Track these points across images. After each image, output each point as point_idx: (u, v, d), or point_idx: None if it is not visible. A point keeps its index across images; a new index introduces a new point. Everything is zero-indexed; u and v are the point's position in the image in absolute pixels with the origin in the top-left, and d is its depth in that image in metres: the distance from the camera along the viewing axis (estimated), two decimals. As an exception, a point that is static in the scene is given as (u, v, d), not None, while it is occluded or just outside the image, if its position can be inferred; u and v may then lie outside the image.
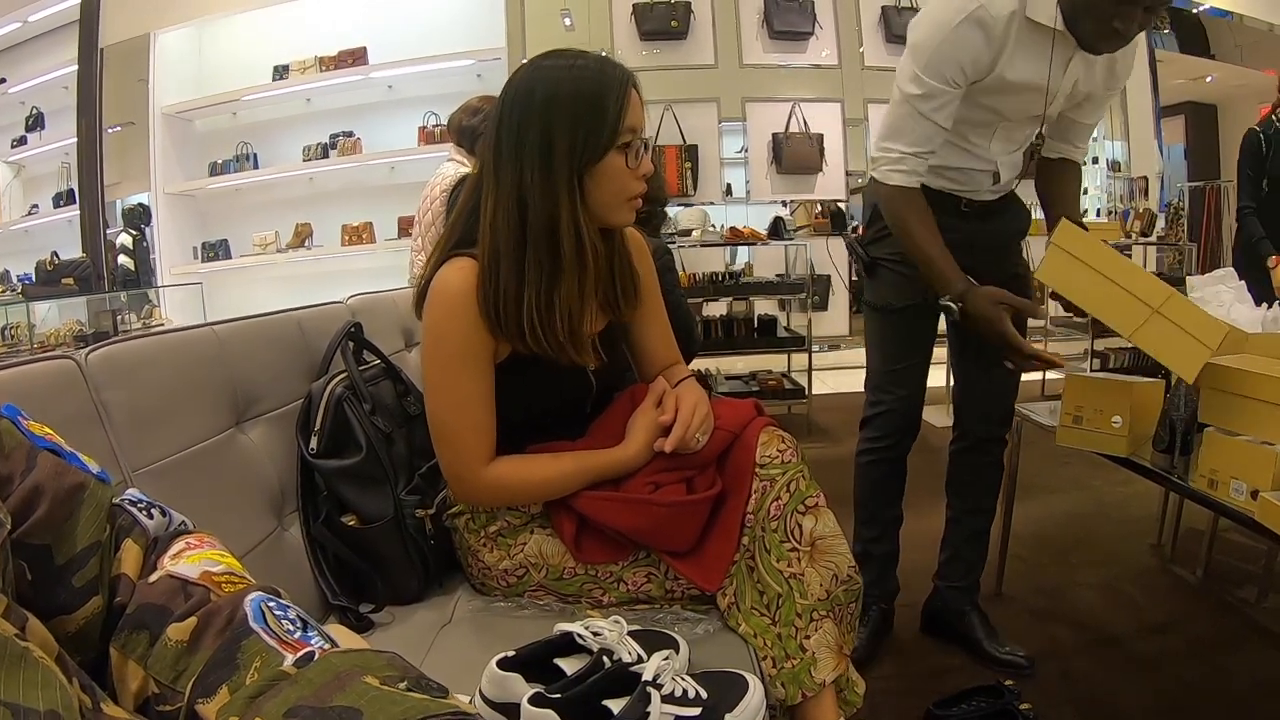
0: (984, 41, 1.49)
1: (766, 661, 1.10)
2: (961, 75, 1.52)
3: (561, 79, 1.11)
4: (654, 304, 1.35)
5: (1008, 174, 1.74)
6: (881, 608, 1.96)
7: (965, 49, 1.50)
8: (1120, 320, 1.47)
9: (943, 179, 1.73)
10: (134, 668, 0.57)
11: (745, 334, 4.39)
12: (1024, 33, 1.51)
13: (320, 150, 5.91)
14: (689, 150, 5.73)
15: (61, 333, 4.72)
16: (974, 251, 1.64)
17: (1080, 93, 1.63)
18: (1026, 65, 1.54)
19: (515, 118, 1.12)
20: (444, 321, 1.14)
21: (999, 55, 1.52)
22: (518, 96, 1.12)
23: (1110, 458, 1.69)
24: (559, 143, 1.10)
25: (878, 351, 1.88)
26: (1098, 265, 1.47)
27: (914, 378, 1.85)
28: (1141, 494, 2.85)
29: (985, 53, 1.51)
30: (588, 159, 1.11)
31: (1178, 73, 6.90)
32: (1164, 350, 1.45)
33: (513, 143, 1.12)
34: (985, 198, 1.76)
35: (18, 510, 0.56)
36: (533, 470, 1.19)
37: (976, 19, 1.48)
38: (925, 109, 1.54)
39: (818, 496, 1.16)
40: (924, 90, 1.53)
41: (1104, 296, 1.47)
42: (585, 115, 1.10)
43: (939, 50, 1.50)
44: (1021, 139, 1.73)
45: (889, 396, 1.85)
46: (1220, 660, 1.86)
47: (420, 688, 0.49)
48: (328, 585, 1.20)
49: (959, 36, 1.49)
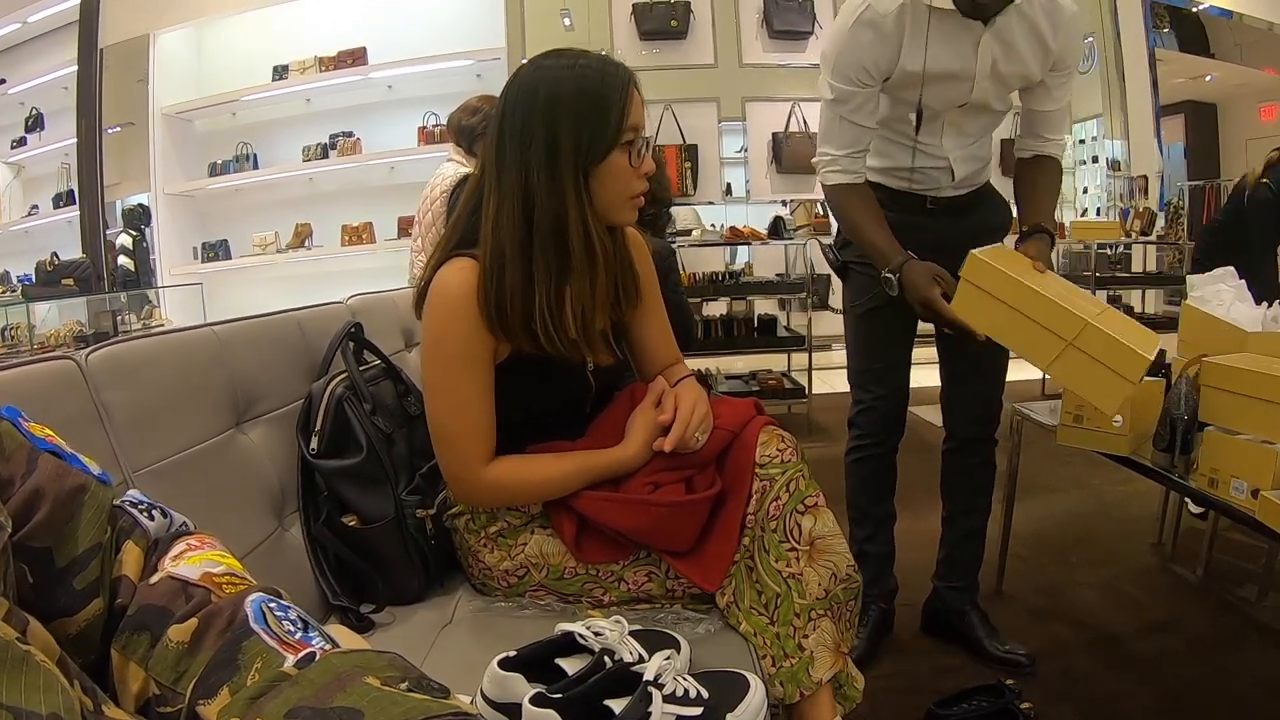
0: (876, 40, 1.54)
1: (765, 660, 1.10)
2: (866, 75, 1.57)
3: (564, 79, 1.11)
4: (654, 303, 1.35)
5: (964, 169, 1.74)
6: (881, 607, 1.96)
7: (862, 50, 1.55)
8: (1034, 353, 1.41)
9: (899, 179, 1.76)
10: (135, 669, 0.57)
11: (745, 333, 4.39)
12: (923, 23, 1.53)
13: (320, 150, 5.92)
14: (689, 150, 5.73)
15: (61, 333, 4.72)
16: (946, 249, 1.61)
17: (1009, 74, 1.61)
18: (935, 54, 1.55)
19: (519, 117, 1.12)
20: (444, 322, 1.14)
21: (897, 50, 1.55)
22: (520, 96, 1.12)
23: (1111, 457, 1.69)
24: (564, 142, 1.10)
25: (856, 351, 1.92)
26: (1008, 299, 1.41)
27: (893, 376, 1.88)
28: (1142, 493, 2.85)
29: (881, 50, 1.55)
30: (592, 158, 1.12)
31: (1177, 72, 6.90)
32: (1082, 383, 1.39)
33: (516, 143, 1.12)
34: (948, 194, 1.77)
35: (19, 513, 0.56)
36: (532, 470, 1.19)
37: (865, 20, 1.53)
38: (843, 112, 1.61)
39: (817, 496, 1.16)
40: (836, 95, 1.60)
41: (1017, 330, 1.41)
42: (589, 115, 1.11)
43: (841, 55, 1.57)
44: (975, 131, 1.72)
45: (869, 395, 1.89)
46: (1220, 659, 1.86)
47: (421, 688, 0.49)
48: (328, 585, 1.20)
49: (854, 38, 1.55)
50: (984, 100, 1.64)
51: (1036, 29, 1.57)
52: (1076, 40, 1.64)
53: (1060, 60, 1.63)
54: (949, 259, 1.57)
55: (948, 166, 1.72)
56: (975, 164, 1.77)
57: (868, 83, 1.58)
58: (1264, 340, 1.60)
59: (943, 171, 1.73)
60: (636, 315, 1.33)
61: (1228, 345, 1.62)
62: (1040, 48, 1.59)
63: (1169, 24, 6.53)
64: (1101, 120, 6.60)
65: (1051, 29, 1.57)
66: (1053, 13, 1.56)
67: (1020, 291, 1.40)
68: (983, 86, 1.61)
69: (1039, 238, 1.61)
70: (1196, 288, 1.86)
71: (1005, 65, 1.59)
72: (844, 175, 1.66)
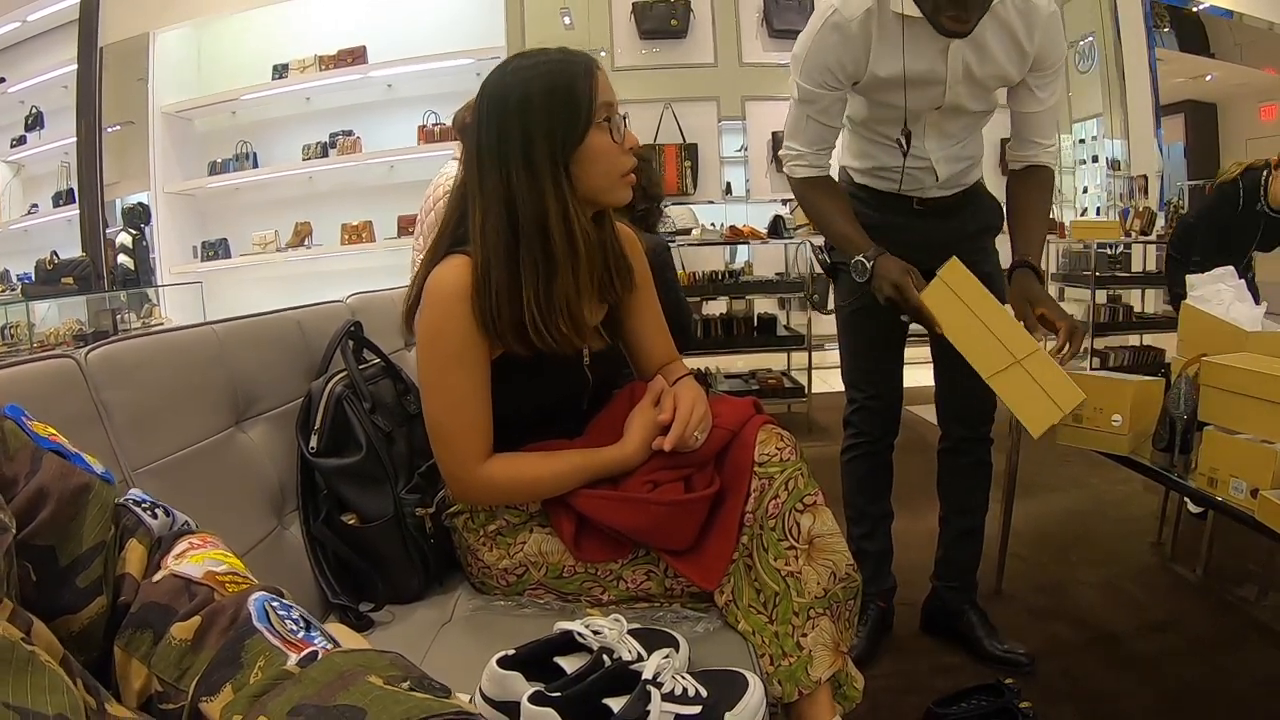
0: (842, 43, 1.55)
1: (764, 659, 1.10)
2: (832, 78, 1.58)
3: (531, 78, 1.13)
4: (649, 299, 1.35)
5: (947, 169, 1.74)
6: (880, 606, 1.96)
7: (829, 53, 1.56)
8: (983, 361, 1.50)
9: (883, 180, 1.76)
10: (137, 666, 0.57)
11: (745, 332, 4.40)
12: (892, 28, 1.53)
13: (320, 149, 5.91)
14: (688, 149, 5.73)
15: (61, 332, 4.72)
16: (932, 250, 1.62)
17: (984, 77, 1.60)
18: (900, 59, 1.55)
19: (493, 123, 1.14)
20: (440, 321, 1.14)
21: (865, 54, 1.56)
22: (492, 103, 1.14)
23: (1110, 456, 1.70)
24: (538, 138, 1.12)
25: (847, 352, 1.94)
26: (974, 306, 1.50)
27: (885, 376, 1.89)
28: (1141, 492, 2.86)
29: (847, 54, 1.56)
30: (569, 145, 1.13)
31: (1177, 71, 6.89)
32: (1017, 399, 1.49)
33: (493, 148, 1.13)
34: (934, 195, 1.77)
35: (23, 512, 0.56)
36: (530, 469, 1.19)
37: (833, 24, 1.55)
38: (811, 112, 1.62)
39: (816, 495, 1.16)
40: (804, 95, 1.61)
41: (973, 335, 1.50)
42: (560, 106, 1.13)
43: (809, 58, 1.58)
44: (957, 132, 1.71)
45: (862, 394, 1.91)
46: (1220, 658, 1.86)
47: (423, 688, 0.49)
48: (328, 584, 1.20)
49: (821, 41, 1.56)
50: (959, 103, 1.63)
51: (1010, 30, 1.55)
52: (1056, 39, 1.62)
53: (1040, 60, 1.61)
54: (935, 259, 1.58)
55: (930, 167, 1.72)
56: (961, 164, 1.76)
57: (834, 85, 1.59)
58: (1263, 340, 1.61)
59: (926, 172, 1.73)
60: (631, 310, 1.33)
61: (1227, 345, 1.63)
62: (1015, 49, 1.58)
63: (1169, 24, 6.53)
64: (1101, 119, 6.59)
65: (1027, 29, 1.56)
66: (1028, 13, 1.55)
67: (987, 304, 1.50)
68: (956, 90, 1.60)
69: (1023, 273, 1.62)
70: (1196, 287, 1.87)
71: (979, 68, 1.58)
72: (810, 169, 1.69)
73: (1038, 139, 1.72)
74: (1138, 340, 5.19)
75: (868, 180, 1.79)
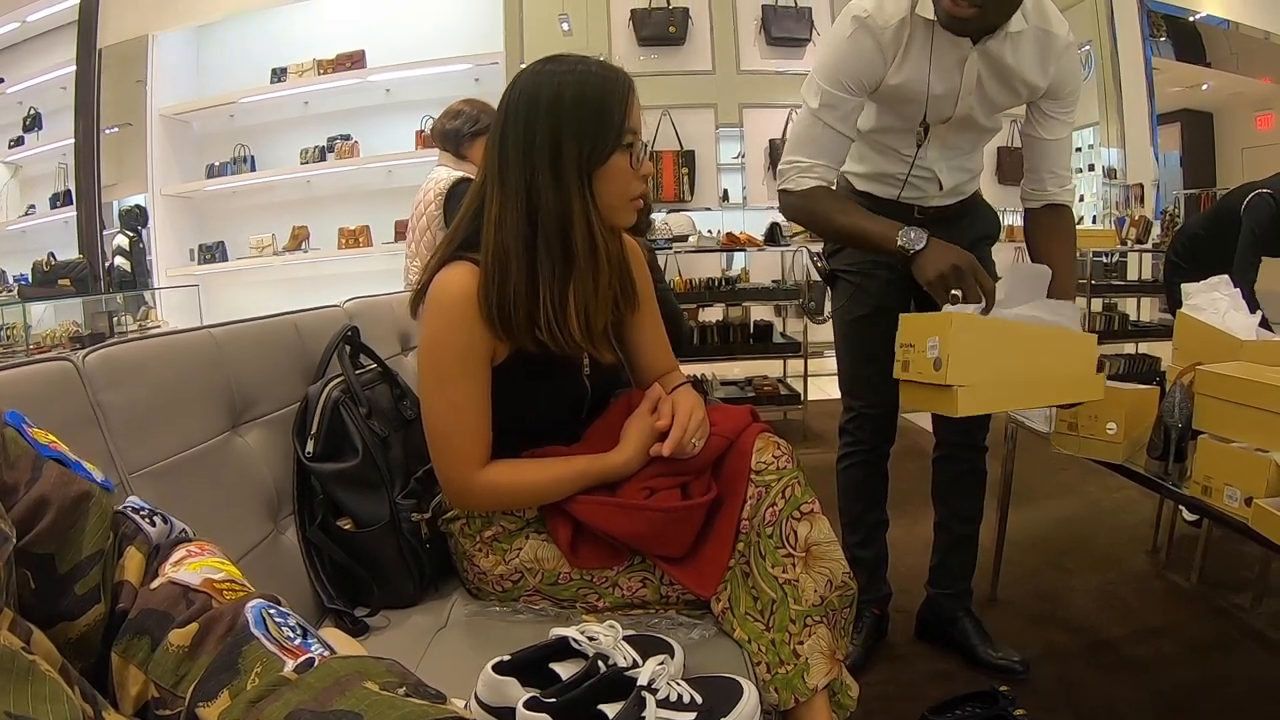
0: (875, 48, 1.55)
1: (760, 667, 1.10)
2: (858, 83, 1.58)
3: (565, 83, 1.12)
4: (650, 310, 1.36)
5: (951, 179, 1.75)
6: (874, 613, 1.97)
7: (860, 56, 1.55)
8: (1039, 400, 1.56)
9: (888, 186, 1.76)
10: (135, 672, 0.57)
11: (741, 339, 4.39)
12: (920, 36, 1.54)
13: (318, 153, 5.92)
14: (686, 155, 5.75)
15: (57, 334, 4.70)
16: None
17: (996, 95, 1.61)
18: (922, 66, 1.55)
19: (521, 121, 1.13)
20: (443, 327, 1.14)
21: (890, 62, 1.56)
22: (522, 100, 1.13)
23: (1105, 464, 1.69)
24: (567, 145, 1.12)
25: (845, 359, 1.93)
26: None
27: (881, 384, 1.86)
28: (1136, 500, 2.86)
29: (878, 59, 1.56)
30: (595, 160, 1.13)
31: (1173, 80, 6.93)
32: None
33: (520, 146, 1.13)
34: (936, 203, 1.78)
35: (23, 520, 0.56)
36: (527, 475, 1.19)
37: (866, 26, 1.54)
38: (829, 118, 1.59)
39: (812, 502, 1.16)
40: (826, 100, 1.58)
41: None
42: (591, 118, 1.12)
43: (840, 62, 1.57)
44: (962, 145, 1.73)
45: (859, 402, 1.91)
46: (1215, 665, 1.86)
47: (418, 694, 0.50)
48: (323, 589, 1.20)
49: (853, 44, 1.55)
50: (969, 116, 1.64)
51: (1027, 56, 1.56)
52: (1074, 69, 1.62)
53: (1057, 89, 1.61)
54: None
55: (934, 177, 1.73)
56: (963, 175, 1.78)
57: (857, 90, 1.58)
58: (1258, 349, 1.61)
59: (929, 181, 1.74)
60: (633, 321, 1.33)
61: (1222, 353, 1.63)
62: (1030, 71, 1.59)
63: (1166, 33, 6.56)
64: (1098, 128, 6.62)
65: (1042, 59, 1.57)
66: (1045, 43, 1.56)
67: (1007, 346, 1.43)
68: (967, 103, 1.61)
69: None
70: (1191, 295, 1.87)
71: (991, 85, 1.59)
72: (818, 181, 1.62)
73: (1055, 169, 1.70)
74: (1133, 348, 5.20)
75: (869, 186, 1.79)
